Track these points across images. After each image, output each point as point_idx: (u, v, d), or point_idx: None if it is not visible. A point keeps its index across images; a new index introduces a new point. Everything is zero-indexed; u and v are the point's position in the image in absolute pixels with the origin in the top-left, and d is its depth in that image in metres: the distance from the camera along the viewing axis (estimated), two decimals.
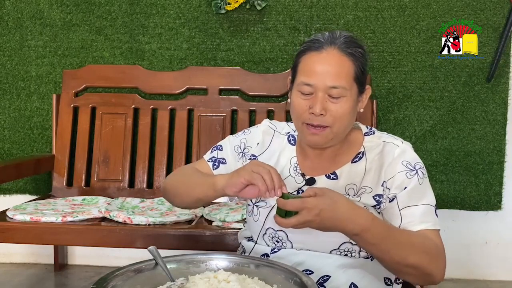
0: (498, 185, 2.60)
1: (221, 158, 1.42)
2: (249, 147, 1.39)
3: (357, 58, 1.21)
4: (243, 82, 2.52)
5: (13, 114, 2.71)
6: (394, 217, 1.23)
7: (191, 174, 1.38)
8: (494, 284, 2.65)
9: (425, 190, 1.25)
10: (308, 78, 1.21)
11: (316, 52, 1.21)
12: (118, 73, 2.57)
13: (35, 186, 2.72)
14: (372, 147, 1.28)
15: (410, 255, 1.16)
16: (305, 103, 1.22)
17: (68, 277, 2.68)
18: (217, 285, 1.08)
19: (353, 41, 1.23)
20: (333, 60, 1.20)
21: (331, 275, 1.24)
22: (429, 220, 1.22)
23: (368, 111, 2.43)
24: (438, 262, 1.21)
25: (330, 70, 1.20)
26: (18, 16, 2.67)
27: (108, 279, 1.08)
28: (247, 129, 1.43)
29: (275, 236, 1.30)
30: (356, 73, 1.21)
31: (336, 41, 1.21)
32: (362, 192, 1.25)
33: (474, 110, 2.58)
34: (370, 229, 1.13)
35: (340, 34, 1.24)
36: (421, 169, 1.25)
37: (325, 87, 1.19)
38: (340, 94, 1.20)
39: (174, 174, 1.47)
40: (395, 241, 1.16)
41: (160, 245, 1.30)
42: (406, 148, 1.27)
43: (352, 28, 2.57)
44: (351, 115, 1.23)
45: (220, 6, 2.55)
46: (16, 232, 2.01)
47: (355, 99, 1.23)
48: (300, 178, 1.31)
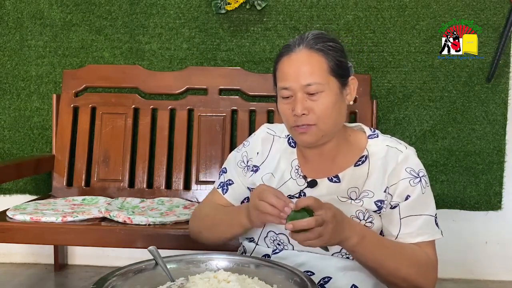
0: (498, 185, 2.60)
1: (227, 180, 1.42)
2: (251, 159, 1.40)
3: (328, 52, 1.22)
4: (243, 82, 2.52)
5: (13, 114, 2.71)
6: (393, 224, 1.24)
7: (213, 217, 1.38)
8: (494, 284, 2.65)
9: (427, 200, 1.25)
10: (284, 82, 1.24)
11: (287, 56, 1.24)
12: (118, 73, 2.57)
13: (35, 186, 2.72)
14: (375, 152, 1.28)
15: (401, 267, 1.17)
16: (288, 107, 1.24)
17: (68, 277, 2.68)
18: (217, 285, 1.08)
19: (321, 36, 1.25)
20: (302, 59, 1.22)
21: (332, 276, 1.24)
22: (428, 232, 1.24)
23: (368, 111, 2.43)
24: (427, 275, 1.22)
25: (301, 69, 1.21)
26: (18, 16, 2.67)
27: (108, 279, 1.08)
28: (246, 141, 1.44)
29: (276, 239, 1.30)
30: (331, 66, 1.22)
31: (304, 41, 1.24)
32: (364, 196, 1.24)
33: (474, 110, 2.58)
34: (366, 237, 1.15)
35: (309, 33, 1.26)
36: (424, 177, 1.26)
37: (300, 86, 1.21)
38: (317, 89, 1.20)
39: (198, 219, 1.44)
40: (388, 251, 1.18)
41: (160, 245, 1.30)
42: (410, 153, 1.27)
43: (352, 28, 2.57)
44: (335, 109, 1.23)
45: (220, 6, 2.55)
46: (16, 232, 2.00)
47: (337, 92, 1.23)
48: (302, 181, 1.31)
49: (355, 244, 1.14)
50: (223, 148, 2.47)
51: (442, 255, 2.44)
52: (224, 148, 2.47)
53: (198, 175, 2.47)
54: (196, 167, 2.48)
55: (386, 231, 1.25)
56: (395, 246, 1.21)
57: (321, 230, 1.07)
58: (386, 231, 1.25)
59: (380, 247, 1.18)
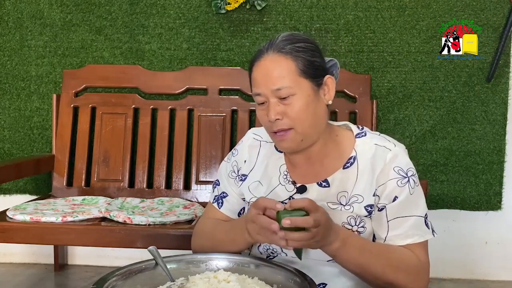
0: (498, 185, 2.60)
1: (221, 193, 1.40)
2: (240, 168, 1.37)
3: (297, 54, 1.19)
4: (243, 82, 2.51)
5: (13, 114, 2.71)
6: (381, 227, 1.22)
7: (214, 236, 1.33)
8: (494, 284, 2.65)
9: (416, 200, 1.22)
10: (256, 88, 1.23)
11: (257, 62, 1.23)
12: (118, 73, 2.57)
13: (35, 186, 2.72)
14: (363, 151, 1.25)
15: (388, 271, 1.16)
16: (264, 113, 1.22)
17: (68, 277, 2.68)
18: (217, 285, 1.08)
19: (290, 38, 1.22)
20: (270, 63, 1.20)
21: (327, 283, 1.23)
22: (417, 233, 1.21)
23: (368, 111, 2.43)
24: (418, 278, 1.20)
25: (270, 74, 1.20)
26: (18, 16, 2.67)
27: (108, 279, 1.08)
28: (234, 149, 1.41)
29: (269, 248, 1.29)
30: (301, 68, 1.19)
31: (273, 45, 1.21)
32: (354, 201, 1.22)
33: (474, 110, 2.58)
34: (347, 242, 1.14)
35: (279, 36, 1.23)
36: (413, 176, 1.22)
37: (271, 91, 1.19)
38: (288, 93, 1.18)
39: (199, 238, 1.39)
40: (372, 255, 1.17)
41: (160, 245, 1.30)
42: (399, 152, 1.23)
43: (352, 28, 2.57)
44: (310, 110, 1.20)
45: (220, 6, 2.55)
46: (16, 232, 2.00)
47: (311, 93, 1.20)
48: (291, 186, 1.29)
49: (336, 249, 1.13)
50: (223, 148, 2.47)
51: (442, 255, 2.45)
52: (224, 148, 2.47)
53: (198, 175, 2.47)
54: (196, 167, 2.48)
55: (376, 234, 1.24)
56: (382, 251, 1.19)
57: (315, 232, 1.06)
58: (376, 234, 1.24)
59: (363, 252, 1.16)
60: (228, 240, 1.27)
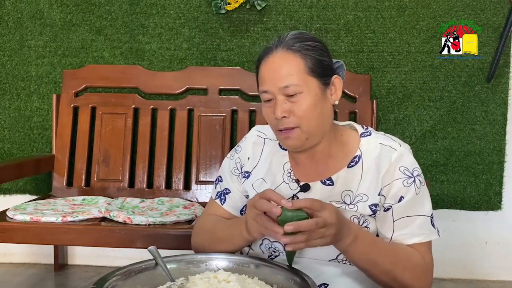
0: (498, 185, 2.60)
1: (224, 189, 1.40)
2: (243, 165, 1.37)
3: (306, 52, 1.19)
4: (243, 82, 2.52)
5: (13, 114, 2.71)
6: (386, 227, 1.22)
7: (214, 233, 1.32)
8: (494, 284, 2.65)
9: (422, 200, 1.22)
10: (263, 85, 1.23)
11: (265, 59, 1.23)
12: (118, 73, 2.57)
13: (35, 186, 2.72)
14: (368, 150, 1.25)
15: (395, 268, 1.16)
16: (270, 111, 1.22)
17: (68, 277, 2.68)
18: (217, 285, 1.08)
19: (299, 37, 1.22)
20: (279, 61, 1.20)
21: (329, 283, 1.22)
22: (423, 233, 1.21)
23: (368, 111, 2.43)
24: (422, 278, 1.20)
25: (278, 71, 1.19)
26: (18, 16, 2.67)
27: (108, 279, 1.08)
28: (238, 146, 1.41)
29: (271, 247, 1.28)
30: (309, 66, 1.19)
31: (282, 42, 1.21)
32: (358, 201, 1.22)
33: (474, 110, 2.58)
34: (359, 237, 1.14)
35: (288, 33, 1.23)
36: (418, 176, 1.22)
37: (278, 89, 1.19)
38: (296, 91, 1.18)
39: (199, 235, 1.38)
40: (381, 252, 1.17)
41: (160, 245, 1.30)
42: (404, 152, 1.23)
43: (352, 28, 2.57)
44: (317, 109, 1.19)
45: (220, 6, 2.55)
46: (16, 232, 2.00)
47: (318, 92, 1.20)
48: (295, 185, 1.29)
49: (348, 244, 1.12)
50: (223, 148, 2.47)
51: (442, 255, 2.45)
52: (224, 148, 2.47)
53: (198, 175, 2.47)
54: (196, 167, 2.48)
55: (381, 234, 1.24)
56: (390, 248, 1.19)
57: (324, 232, 1.06)
58: (381, 234, 1.24)
59: (373, 248, 1.16)
60: (227, 237, 1.27)
